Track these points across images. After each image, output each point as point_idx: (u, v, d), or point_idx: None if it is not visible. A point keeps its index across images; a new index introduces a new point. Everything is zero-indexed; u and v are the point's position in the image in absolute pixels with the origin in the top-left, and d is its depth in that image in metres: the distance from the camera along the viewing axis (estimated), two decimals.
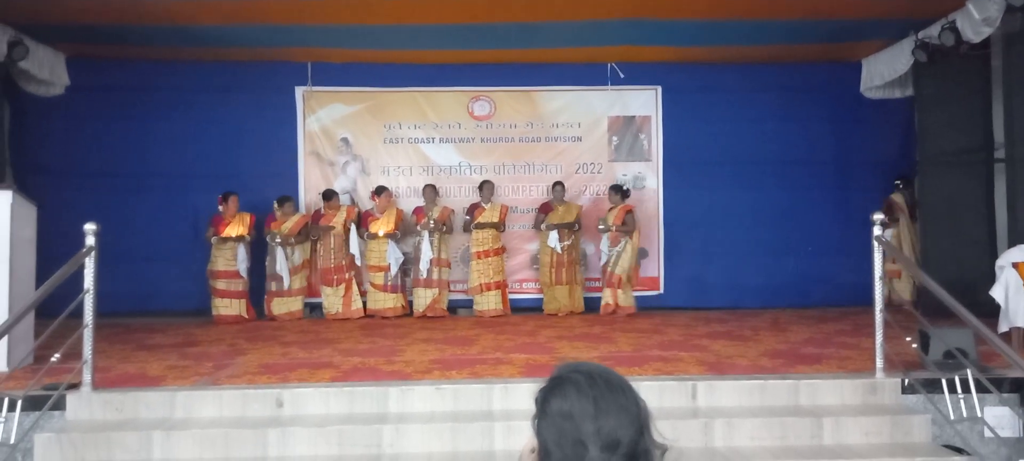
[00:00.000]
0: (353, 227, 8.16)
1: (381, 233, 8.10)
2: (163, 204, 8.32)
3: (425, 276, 8.10)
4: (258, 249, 8.14)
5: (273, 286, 8.03)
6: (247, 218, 7.95)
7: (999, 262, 5.72)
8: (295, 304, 8.08)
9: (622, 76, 8.83)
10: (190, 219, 8.12)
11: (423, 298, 8.09)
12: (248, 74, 8.49)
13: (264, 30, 7.56)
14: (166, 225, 8.23)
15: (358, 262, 8.18)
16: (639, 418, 1.24)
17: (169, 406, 4.33)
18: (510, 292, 8.51)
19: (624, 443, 1.19)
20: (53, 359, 4.25)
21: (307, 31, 7.63)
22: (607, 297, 8.12)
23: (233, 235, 7.82)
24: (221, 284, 7.82)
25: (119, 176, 8.34)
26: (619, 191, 8.25)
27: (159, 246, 8.23)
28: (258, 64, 8.46)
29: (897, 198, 8.66)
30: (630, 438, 1.20)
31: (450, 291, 8.33)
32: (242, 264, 7.83)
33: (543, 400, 1.26)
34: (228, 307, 7.81)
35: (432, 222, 8.13)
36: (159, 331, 7.04)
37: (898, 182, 8.71)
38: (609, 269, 8.09)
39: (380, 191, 8.25)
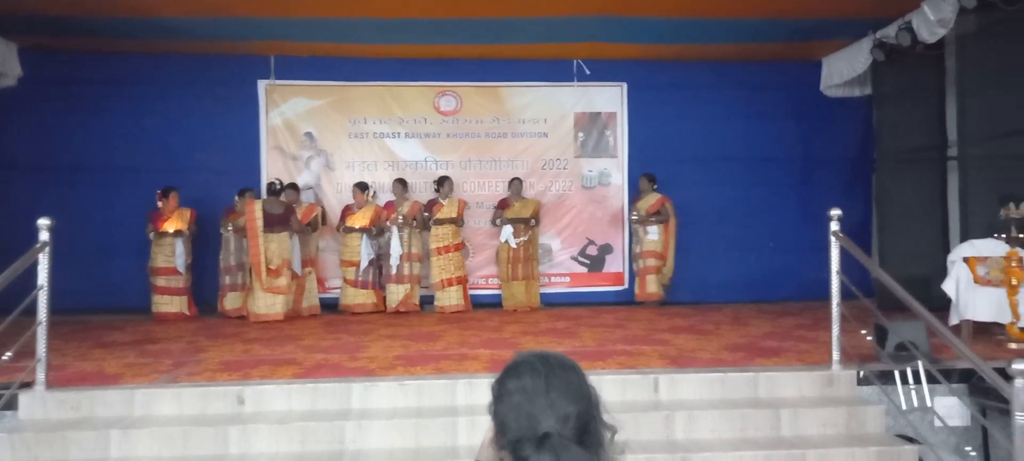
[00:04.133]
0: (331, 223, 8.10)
1: (357, 227, 8.04)
2: (121, 199, 8.15)
3: (396, 272, 8.06)
4: (211, 244, 8.03)
5: (227, 280, 7.90)
6: (187, 213, 7.82)
7: (951, 257, 5.88)
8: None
9: (588, 72, 8.89)
10: (149, 214, 7.95)
11: (395, 294, 8.06)
12: (210, 67, 8.36)
13: (226, 22, 7.44)
14: (125, 221, 8.06)
15: (292, 261, 7.90)
16: (589, 395, 1.31)
17: (127, 404, 4.25)
18: (474, 288, 8.52)
19: (573, 416, 1.26)
20: (4, 357, 4.15)
21: (270, 24, 7.53)
22: (636, 286, 8.32)
23: (171, 231, 7.68)
24: (161, 281, 7.69)
25: (76, 171, 8.18)
26: (650, 179, 8.40)
27: (118, 242, 8.08)
28: (220, 57, 8.34)
29: None
30: (579, 412, 1.27)
31: (422, 286, 8.28)
32: (180, 260, 7.70)
33: (499, 383, 1.33)
34: (168, 304, 7.67)
35: (401, 217, 8.09)
36: (118, 328, 6.91)
37: None
38: (638, 257, 8.29)
39: (359, 186, 8.19)
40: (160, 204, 7.76)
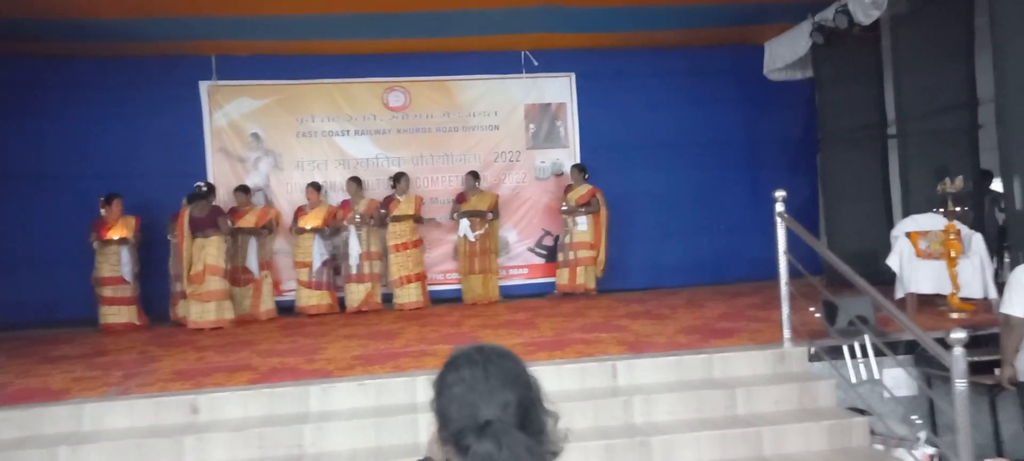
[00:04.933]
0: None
1: (309, 228, 7.92)
2: (62, 207, 7.87)
3: (355, 271, 7.97)
4: (158, 251, 7.86)
5: (177, 287, 7.71)
6: (132, 221, 7.62)
7: (893, 232, 6.06)
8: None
9: (536, 64, 8.91)
10: (92, 223, 7.70)
11: (356, 293, 7.97)
12: (150, 70, 8.14)
13: (165, 23, 7.25)
14: (67, 229, 7.77)
15: (248, 263, 7.85)
16: (528, 383, 1.32)
17: (76, 419, 4.13)
18: (433, 283, 8.48)
19: (513, 403, 1.27)
20: None
21: (210, 23, 7.36)
22: (563, 277, 8.25)
23: (115, 238, 7.48)
24: (107, 291, 7.48)
25: (13, 177, 7.87)
26: (581, 170, 8.39)
27: (60, 252, 7.79)
28: (160, 59, 8.12)
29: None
30: (519, 397, 1.28)
31: (383, 284, 8.18)
32: (126, 268, 7.51)
33: (439, 379, 1.34)
34: (117, 315, 7.47)
35: (358, 216, 8.00)
36: (64, 341, 6.70)
37: None
38: (568, 248, 8.23)
39: (313, 186, 8.08)
40: (103, 212, 7.53)
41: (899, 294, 5.73)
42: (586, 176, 8.45)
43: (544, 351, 5.07)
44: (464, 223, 8.23)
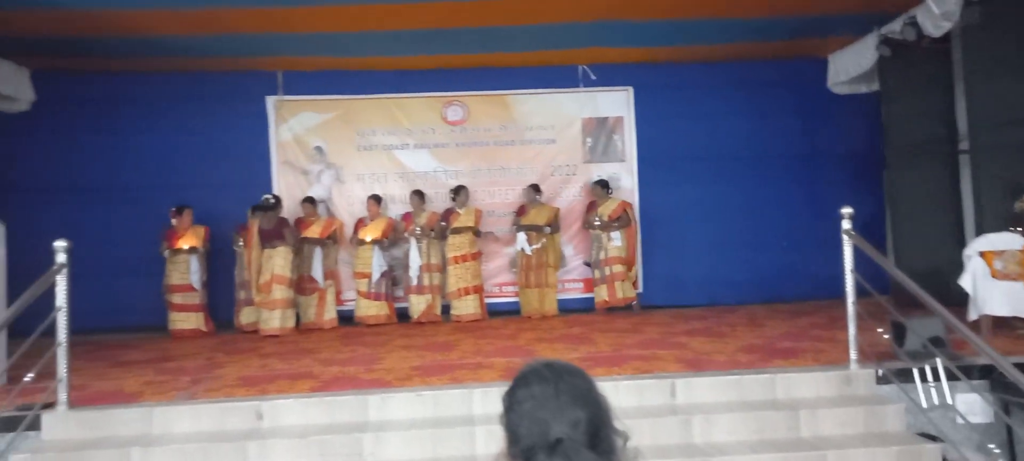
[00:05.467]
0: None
1: (368, 239, 8.06)
2: (133, 218, 8.19)
3: (416, 283, 8.07)
4: (224, 260, 8.10)
5: (242, 295, 7.95)
6: (201, 231, 7.88)
7: (966, 251, 5.84)
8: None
9: (594, 78, 8.90)
10: (160, 233, 7.99)
11: (417, 305, 8.07)
12: (219, 84, 8.43)
13: (233, 39, 7.50)
14: (137, 239, 8.09)
15: (314, 273, 8.04)
16: (598, 402, 1.32)
17: (146, 422, 4.27)
18: (489, 296, 8.52)
19: (584, 421, 1.27)
20: (26, 379, 4.19)
21: (277, 40, 7.58)
22: (602, 293, 8.20)
23: (185, 248, 7.73)
24: (177, 298, 7.75)
25: (88, 191, 8.24)
26: (604, 186, 8.36)
27: (130, 260, 8.11)
28: (228, 74, 8.41)
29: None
30: (589, 416, 1.28)
31: (443, 296, 8.26)
32: (195, 277, 7.76)
33: (509, 394, 1.34)
34: (185, 321, 7.73)
35: (420, 228, 8.11)
36: (134, 347, 6.95)
37: None
38: (603, 264, 8.19)
39: (373, 199, 8.25)
40: (174, 222, 7.81)
41: (972, 316, 5.51)
42: (610, 191, 8.39)
43: (601, 366, 5.03)
44: (521, 237, 8.25)
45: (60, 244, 4.34)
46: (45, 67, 8.02)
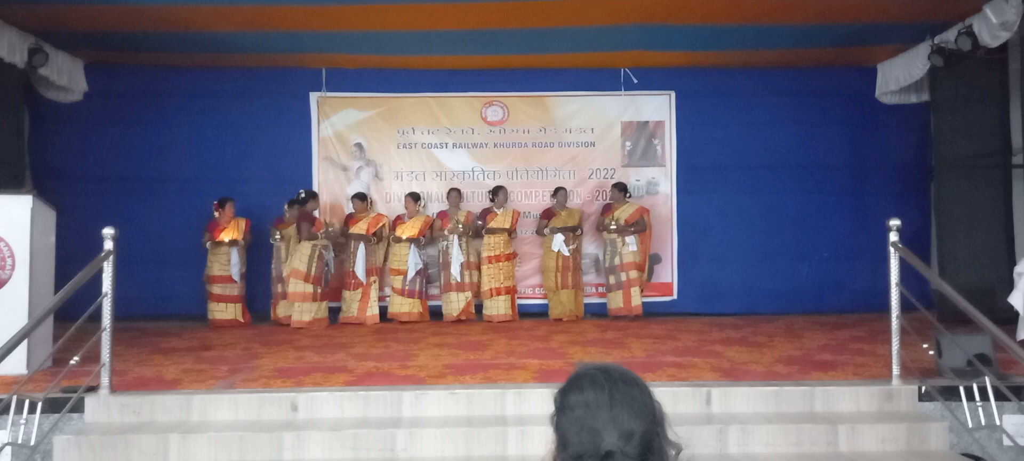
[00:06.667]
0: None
1: (405, 237, 8.12)
2: (177, 208, 8.39)
3: (459, 279, 8.10)
4: (264, 253, 8.25)
5: (278, 288, 8.06)
6: (242, 223, 8.02)
7: (1017, 269, 5.66)
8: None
9: (635, 81, 8.83)
10: (203, 224, 8.15)
11: (455, 303, 8.08)
12: (263, 79, 8.57)
13: (279, 36, 7.62)
14: (180, 229, 8.29)
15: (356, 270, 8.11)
16: (653, 412, 1.28)
17: (185, 409, 4.36)
18: (519, 297, 8.51)
19: (638, 433, 1.23)
20: (72, 362, 4.30)
21: (321, 37, 7.68)
22: (616, 300, 8.13)
23: (226, 240, 7.87)
24: (217, 289, 7.89)
25: (135, 180, 8.44)
26: (622, 189, 8.31)
27: (173, 250, 8.30)
28: (273, 70, 8.54)
29: None
30: (643, 429, 1.24)
31: (477, 295, 8.27)
32: (235, 269, 7.89)
33: (561, 395, 1.30)
34: (223, 311, 7.86)
35: (460, 226, 8.15)
36: (174, 335, 7.10)
37: None
38: (618, 270, 8.12)
39: (412, 196, 8.30)
40: (216, 214, 7.96)
41: (1021, 335, 5.34)
42: (628, 195, 8.32)
43: (634, 372, 4.98)
44: (558, 238, 8.21)
45: (108, 231, 4.45)
46: (98, 60, 8.26)
